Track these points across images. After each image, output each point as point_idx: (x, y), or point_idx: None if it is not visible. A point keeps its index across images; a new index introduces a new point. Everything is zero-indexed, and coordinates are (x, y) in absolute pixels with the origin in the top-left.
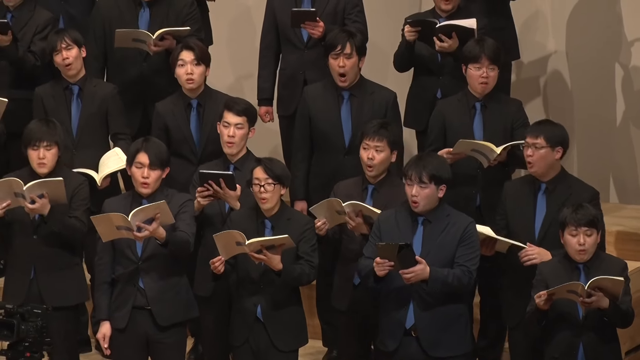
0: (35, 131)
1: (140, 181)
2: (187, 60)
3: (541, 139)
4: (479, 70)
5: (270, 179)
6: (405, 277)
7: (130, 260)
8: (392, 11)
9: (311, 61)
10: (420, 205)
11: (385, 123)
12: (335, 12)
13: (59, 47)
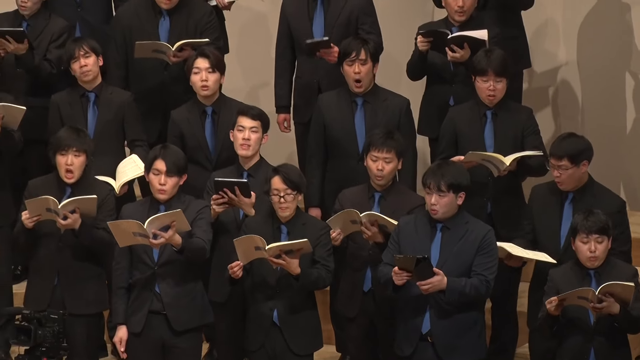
0: (65, 138)
1: (157, 188)
2: (202, 67)
3: (565, 161)
4: (486, 83)
5: (289, 189)
6: (422, 288)
7: (147, 266)
8: (405, 20)
9: (326, 69)
10: (439, 212)
11: (390, 132)
12: (348, 22)
13: (77, 54)
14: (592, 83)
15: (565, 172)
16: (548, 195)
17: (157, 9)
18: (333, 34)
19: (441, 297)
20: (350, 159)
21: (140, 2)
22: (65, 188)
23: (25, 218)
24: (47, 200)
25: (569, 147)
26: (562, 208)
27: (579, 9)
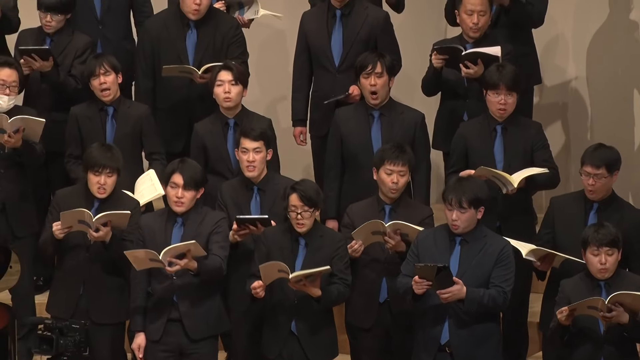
0: (99, 157)
1: (174, 200)
2: (225, 80)
3: (603, 170)
4: (497, 97)
5: (306, 207)
6: (442, 297)
7: (166, 276)
8: (419, 37)
9: (343, 84)
10: (460, 228)
11: (402, 146)
12: (367, 39)
13: (97, 72)
14: (601, 98)
15: (600, 181)
16: (571, 205)
17: (184, 21)
18: (352, 51)
19: (460, 306)
20: (367, 171)
21: (168, 14)
22: (94, 201)
23: (56, 229)
24: (82, 213)
25: (606, 156)
26: (587, 217)
27: (588, 26)
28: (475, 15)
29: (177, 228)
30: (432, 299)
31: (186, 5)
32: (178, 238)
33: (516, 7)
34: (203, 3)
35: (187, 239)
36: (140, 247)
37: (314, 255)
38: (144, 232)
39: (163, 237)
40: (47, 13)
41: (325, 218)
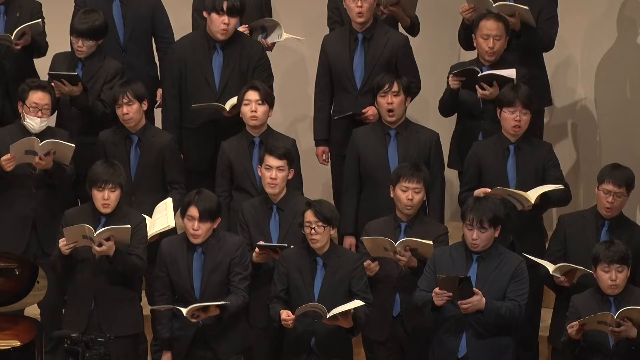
0: (101, 173)
1: (191, 232)
2: (252, 99)
3: (623, 188)
4: (512, 114)
5: (320, 222)
6: (462, 307)
7: (190, 301)
8: (433, 60)
9: (364, 106)
10: (480, 246)
11: (417, 165)
12: (388, 62)
13: (120, 101)
14: (609, 119)
15: (618, 200)
16: (582, 223)
17: (211, 44)
18: (373, 73)
19: (479, 316)
20: (384, 189)
21: (196, 37)
22: (101, 217)
23: (62, 245)
24: (84, 228)
25: (627, 175)
26: (599, 234)
27: (597, 50)
28: (491, 40)
29: (198, 256)
30: (449, 312)
31: (215, 25)
32: (199, 266)
33: (527, 31)
34: (231, 23)
35: (208, 267)
36: (163, 273)
37: (332, 276)
38: (166, 259)
39: (185, 266)
40: (79, 38)
41: (343, 234)
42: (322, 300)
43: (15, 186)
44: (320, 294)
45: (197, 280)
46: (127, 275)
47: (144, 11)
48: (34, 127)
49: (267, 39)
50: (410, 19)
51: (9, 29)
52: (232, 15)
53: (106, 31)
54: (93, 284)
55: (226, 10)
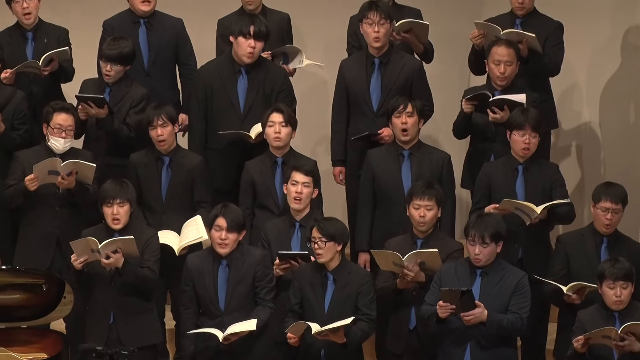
0: (109, 190)
1: (218, 242)
2: (276, 121)
3: (620, 205)
4: (522, 137)
5: (323, 238)
6: (465, 319)
7: (215, 313)
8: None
9: (379, 127)
10: (482, 261)
11: (430, 183)
12: (403, 86)
13: (155, 123)
14: (613, 141)
15: (616, 216)
16: (582, 241)
17: (236, 68)
18: (389, 96)
19: (481, 328)
20: (397, 207)
21: (221, 62)
22: (114, 234)
23: (73, 260)
24: (89, 242)
25: (621, 192)
26: (599, 251)
27: (601, 75)
28: (503, 65)
29: (223, 268)
30: (452, 324)
31: (241, 49)
32: (224, 279)
33: (535, 58)
34: (257, 47)
35: (233, 279)
36: (189, 287)
37: (341, 291)
38: (192, 273)
39: (210, 278)
40: (108, 63)
41: (358, 251)
42: (331, 314)
43: (40, 204)
44: (330, 308)
45: (222, 292)
46: (139, 286)
47: (168, 38)
48: (58, 147)
49: (288, 65)
50: (423, 46)
51: (37, 55)
52: (258, 40)
53: (134, 58)
54: (110, 298)
55: (253, 35)
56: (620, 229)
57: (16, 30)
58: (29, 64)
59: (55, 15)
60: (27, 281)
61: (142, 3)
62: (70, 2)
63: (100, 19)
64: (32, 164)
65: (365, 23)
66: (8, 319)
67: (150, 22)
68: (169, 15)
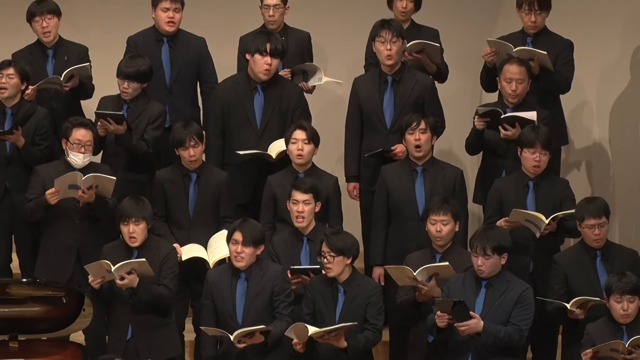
0: (126, 208)
1: (234, 255)
2: (299, 138)
3: (604, 218)
4: (532, 155)
5: (332, 252)
6: (460, 330)
7: (232, 327)
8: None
9: (392, 144)
10: (485, 272)
11: (446, 198)
12: (416, 103)
13: (187, 144)
14: (622, 157)
15: (603, 229)
16: (576, 258)
17: (252, 85)
18: (402, 113)
19: (477, 339)
20: (411, 222)
21: (238, 79)
22: (133, 250)
23: (91, 281)
24: (102, 264)
25: (602, 205)
26: (594, 265)
27: (611, 92)
28: (514, 83)
29: (241, 283)
30: (454, 335)
31: (258, 66)
32: (243, 292)
33: (546, 75)
34: (273, 64)
35: (251, 292)
36: (209, 300)
37: (352, 302)
38: (211, 287)
39: (229, 292)
40: (125, 80)
41: (372, 265)
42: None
43: (60, 218)
44: (340, 319)
45: (239, 306)
46: (155, 304)
47: (191, 56)
48: (77, 162)
49: (308, 82)
50: (436, 66)
51: (57, 72)
52: (274, 57)
53: (151, 75)
54: (128, 314)
55: (269, 52)
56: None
57: (37, 47)
58: (50, 79)
59: (76, 33)
60: (47, 294)
61: (167, 24)
62: (91, 20)
63: (120, 36)
64: (52, 179)
65: (377, 41)
66: (29, 331)
67: (173, 40)
68: (192, 34)
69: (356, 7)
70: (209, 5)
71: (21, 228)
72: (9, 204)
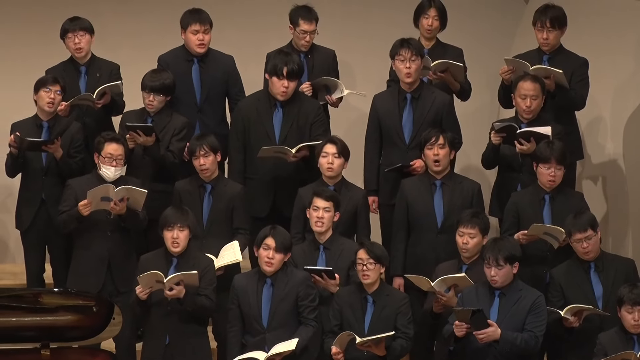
0: (171, 215)
1: (265, 261)
2: (330, 152)
3: (590, 231)
4: (548, 170)
5: (371, 259)
6: (478, 338)
7: (258, 330)
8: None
9: (411, 159)
10: (499, 282)
11: (477, 212)
12: (434, 120)
13: (197, 153)
14: (636, 172)
15: (590, 242)
16: (571, 271)
17: (272, 102)
18: (421, 129)
19: (495, 346)
20: (430, 234)
21: (259, 96)
22: (172, 259)
23: (139, 292)
24: (156, 275)
25: (586, 219)
26: (588, 277)
27: (625, 109)
28: (529, 99)
29: (267, 288)
30: (473, 343)
31: (275, 88)
32: (268, 297)
33: (561, 92)
34: (290, 87)
35: (276, 297)
36: (235, 305)
37: (381, 312)
38: (237, 292)
39: (255, 297)
40: (151, 93)
41: (392, 275)
42: (371, 335)
43: (92, 229)
44: (370, 328)
45: (265, 310)
46: (197, 314)
47: (220, 75)
48: (109, 176)
49: (332, 96)
50: (460, 85)
51: (90, 89)
52: (291, 79)
53: (174, 89)
54: (166, 322)
55: (286, 75)
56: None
57: (70, 64)
58: (83, 96)
59: (107, 51)
60: (78, 303)
61: (197, 46)
62: (122, 38)
63: (150, 54)
64: (84, 191)
65: (397, 60)
66: (60, 339)
67: (203, 59)
68: (221, 52)
69: (379, 26)
70: (235, 23)
71: (55, 239)
72: (45, 216)
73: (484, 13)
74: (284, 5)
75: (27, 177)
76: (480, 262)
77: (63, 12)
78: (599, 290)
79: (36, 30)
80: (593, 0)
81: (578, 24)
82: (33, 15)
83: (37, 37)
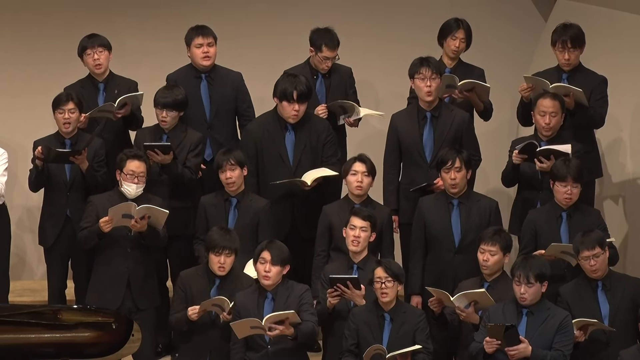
0: (218, 239)
1: (262, 274)
2: (359, 170)
3: (598, 249)
4: (564, 188)
5: (389, 277)
6: (510, 354)
7: (261, 345)
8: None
9: (434, 177)
10: (527, 300)
11: (499, 230)
12: (454, 138)
13: (224, 167)
14: None
15: (598, 260)
16: (578, 290)
17: (282, 124)
18: (442, 148)
19: None
20: (448, 253)
21: (268, 118)
22: (215, 279)
23: (191, 313)
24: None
25: (594, 238)
26: (596, 296)
27: None
28: (548, 116)
29: (268, 302)
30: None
31: (286, 112)
32: (269, 311)
33: (580, 110)
34: (300, 110)
35: (277, 311)
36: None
37: (398, 330)
38: (239, 308)
39: (256, 311)
40: (164, 110)
41: (410, 294)
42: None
43: (112, 246)
44: (389, 346)
45: None
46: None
47: (228, 91)
48: (130, 192)
49: (350, 118)
50: (483, 105)
51: None
52: (301, 102)
53: (187, 104)
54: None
55: (296, 99)
56: None
57: (88, 81)
58: (103, 107)
59: (124, 68)
60: (98, 320)
61: (203, 59)
62: (140, 56)
63: (168, 72)
64: (106, 208)
65: (417, 78)
66: (79, 356)
67: (211, 76)
68: (228, 69)
69: (396, 44)
70: (251, 41)
71: (79, 255)
72: (69, 232)
73: (503, 31)
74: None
75: (51, 192)
76: (501, 280)
77: (82, 30)
78: (606, 309)
79: (56, 48)
80: (611, 19)
81: (596, 43)
82: (53, 34)
83: (57, 55)
